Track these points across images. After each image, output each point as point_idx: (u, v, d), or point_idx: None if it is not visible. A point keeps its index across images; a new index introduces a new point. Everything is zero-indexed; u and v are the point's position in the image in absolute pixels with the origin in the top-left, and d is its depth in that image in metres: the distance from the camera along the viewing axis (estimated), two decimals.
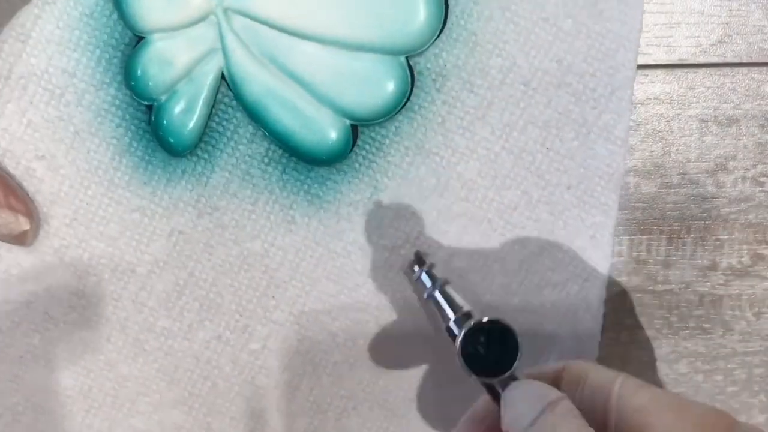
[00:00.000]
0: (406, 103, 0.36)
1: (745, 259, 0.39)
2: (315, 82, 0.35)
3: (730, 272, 0.39)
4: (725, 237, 0.39)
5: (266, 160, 0.37)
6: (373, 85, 0.35)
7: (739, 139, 0.38)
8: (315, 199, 0.38)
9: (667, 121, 0.38)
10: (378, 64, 0.35)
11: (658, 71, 0.38)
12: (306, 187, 0.37)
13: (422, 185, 0.37)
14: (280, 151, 0.37)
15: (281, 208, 0.37)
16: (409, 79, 0.36)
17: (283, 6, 0.34)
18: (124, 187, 0.37)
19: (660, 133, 0.38)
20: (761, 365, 0.40)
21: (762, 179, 0.39)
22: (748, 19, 0.37)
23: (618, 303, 0.39)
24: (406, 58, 0.36)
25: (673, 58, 0.37)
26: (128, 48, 0.36)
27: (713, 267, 0.39)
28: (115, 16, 0.35)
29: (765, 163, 0.39)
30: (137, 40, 0.35)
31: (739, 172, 0.39)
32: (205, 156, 0.37)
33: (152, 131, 0.36)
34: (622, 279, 0.39)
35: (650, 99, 0.38)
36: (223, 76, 0.36)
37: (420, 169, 0.37)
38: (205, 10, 0.35)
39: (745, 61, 0.38)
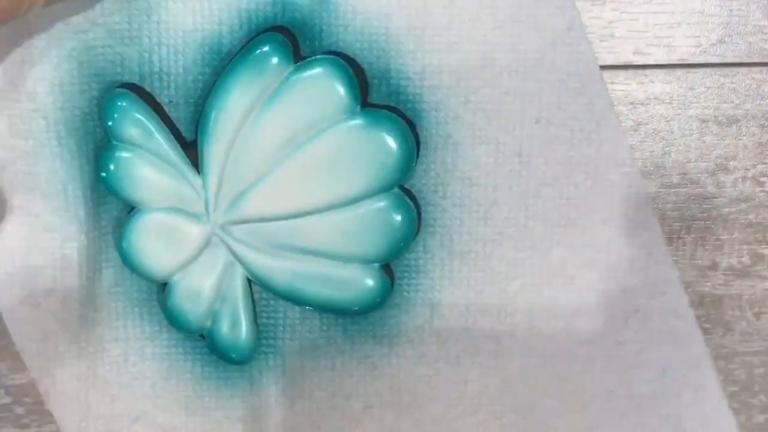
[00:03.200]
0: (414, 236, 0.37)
1: (746, 259, 0.39)
2: (329, 247, 0.36)
3: (730, 272, 0.39)
4: (725, 237, 0.39)
5: (324, 327, 0.38)
6: (381, 226, 0.36)
7: (740, 139, 0.38)
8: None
9: (667, 121, 0.38)
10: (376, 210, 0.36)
11: (658, 71, 0.38)
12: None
13: None
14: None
15: None
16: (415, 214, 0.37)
17: (272, 199, 0.35)
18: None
19: (660, 133, 0.38)
20: (761, 365, 0.40)
21: (762, 179, 0.39)
22: (748, 19, 0.37)
23: None
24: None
25: (673, 58, 0.37)
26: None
27: (713, 267, 0.39)
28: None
29: (765, 163, 0.39)
30: (162, 287, 0.37)
31: (740, 172, 0.39)
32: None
33: (212, 352, 0.38)
34: None
35: (650, 99, 0.38)
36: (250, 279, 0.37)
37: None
38: (205, 236, 0.36)
39: (745, 61, 0.38)
